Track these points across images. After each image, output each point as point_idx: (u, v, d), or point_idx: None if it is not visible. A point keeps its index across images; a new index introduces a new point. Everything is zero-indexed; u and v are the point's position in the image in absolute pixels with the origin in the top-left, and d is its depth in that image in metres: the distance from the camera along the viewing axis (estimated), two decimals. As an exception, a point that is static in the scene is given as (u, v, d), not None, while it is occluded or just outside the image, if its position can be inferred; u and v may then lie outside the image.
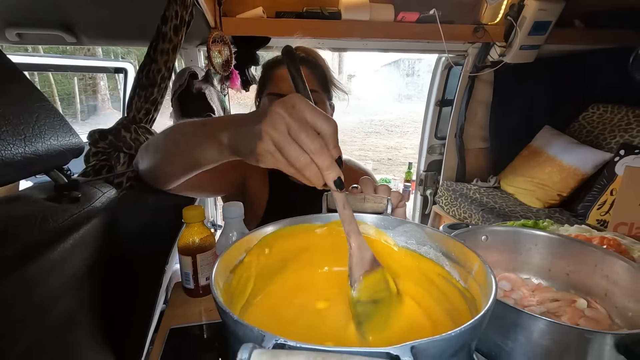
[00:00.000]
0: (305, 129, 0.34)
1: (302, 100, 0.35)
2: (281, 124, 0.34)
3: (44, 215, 0.47)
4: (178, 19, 0.79)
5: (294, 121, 0.34)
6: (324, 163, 0.34)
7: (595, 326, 0.42)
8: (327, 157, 0.34)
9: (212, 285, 0.30)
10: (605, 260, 0.46)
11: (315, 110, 0.35)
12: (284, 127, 0.34)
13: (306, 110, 0.35)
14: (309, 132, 0.34)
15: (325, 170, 0.34)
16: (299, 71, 0.43)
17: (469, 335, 0.27)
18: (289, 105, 0.35)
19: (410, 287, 0.43)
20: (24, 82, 0.48)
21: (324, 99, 0.81)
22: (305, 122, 0.34)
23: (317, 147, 0.34)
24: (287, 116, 0.34)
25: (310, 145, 0.34)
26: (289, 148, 0.34)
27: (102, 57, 6.84)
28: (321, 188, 0.37)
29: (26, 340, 0.45)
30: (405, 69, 13.61)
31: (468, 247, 0.37)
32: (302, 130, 0.34)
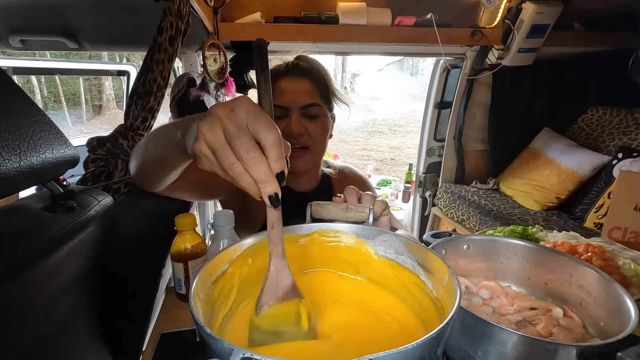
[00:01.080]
0: (241, 135, 0.31)
1: (246, 104, 0.32)
2: (217, 126, 0.32)
3: (40, 226, 0.49)
4: (173, 30, 0.81)
5: (231, 125, 0.31)
6: (258, 175, 0.31)
7: (568, 335, 0.43)
8: (263, 169, 0.31)
9: (190, 298, 0.32)
10: (579, 270, 0.48)
11: (258, 117, 0.32)
12: (219, 130, 0.31)
13: (247, 115, 0.32)
14: (244, 140, 0.31)
15: (260, 183, 0.32)
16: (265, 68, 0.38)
17: (427, 347, 0.29)
18: (229, 107, 0.32)
19: (387, 296, 0.45)
20: (21, 98, 0.50)
21: (325, 111, 0.81)
22: (243, 129, 0.31)
23: (252, 158, 0.31)
24: (224, 119, 0.31)
25: (244, 154, 0.31)
26: (222, 154, 0.31)
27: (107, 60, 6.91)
28: (259, 199, 0.34)
29: (24, 345, 0.47)
30: (409, 67, 13.57)
31: (440, 258, 0.39)
32: (237, 137, 0.31)
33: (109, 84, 9.33)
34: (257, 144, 0.32)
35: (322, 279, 0.48)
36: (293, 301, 0.38)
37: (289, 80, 0.78)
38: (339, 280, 0.48)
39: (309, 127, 0.77)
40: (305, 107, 0.77)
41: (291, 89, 0.77)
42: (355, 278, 0.48)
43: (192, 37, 1.31)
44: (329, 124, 0.83)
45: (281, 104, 0.76)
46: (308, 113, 0.77)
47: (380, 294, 0.45)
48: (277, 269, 0.38)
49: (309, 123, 0.77)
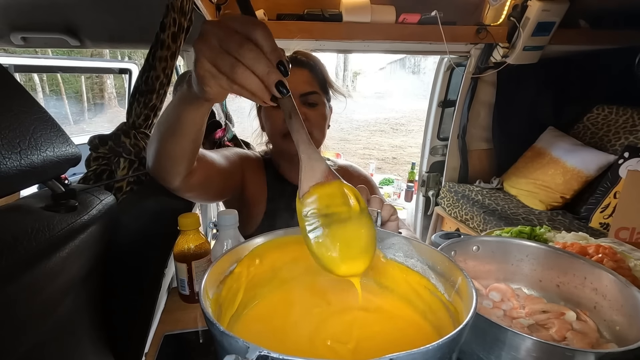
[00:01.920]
0: (233, 38, 0.32)
1: (231, 16, 0.34)
2: (210, 38, 0.33)
3: (41, 225, 0.48)
4: (176, 27, 0.80)
5: (221, 32, 0.33)
6: (260, 69, 0.32)
7: (582, 339, 0.42)
8: (263, 61, 0.32)
9: (200, 296, 0.31)
10: (594, 273, 0.46)
11: (242, 19, 0.33)
12: (215, 41, 0.33)
13: (234, 21, 0.33)
14: (235, 38, 0.32)
15: (264, 76, 0.33)
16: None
17: (447, 348, 0.28)
18: (216, 21, 0.34)
19: (396, 299, 0.44)
20: (22, 95, 0.49)
21: (324, 100, 0.83)
22: (234, 32, 0.33)
23: (249, 53, 0.32)
24: (215, 29, 0.33)
25: (239, 51, 0.32)
26: (221, 60, 0.33)
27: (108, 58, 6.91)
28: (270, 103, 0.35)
29: (25, 346, 0.46)
30: (411, 66, 13.55)
31: (452, 261, 0.38)
32: (231, 40, 0.32)
33: (111, 82, 9.33)
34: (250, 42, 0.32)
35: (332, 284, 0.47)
36: (335, 182, 0.37)
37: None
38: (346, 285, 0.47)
39: (309, 114, 0.79)
40: (305, 95, 0.79)
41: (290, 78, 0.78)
42: (363, 282, 0.47)
43: (194, 35, 1.30)
44: (327, 113, 0.85)
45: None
46: (307, 101, 0.79)
47: (390, 298, 0.44)
48: (308, 155, 0.37)
49: (308, 110, 0.79)
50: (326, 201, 0.36)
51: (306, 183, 0.36)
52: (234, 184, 0.84)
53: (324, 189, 0.37)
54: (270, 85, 0.33)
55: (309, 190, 0.36)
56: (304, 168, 0.37)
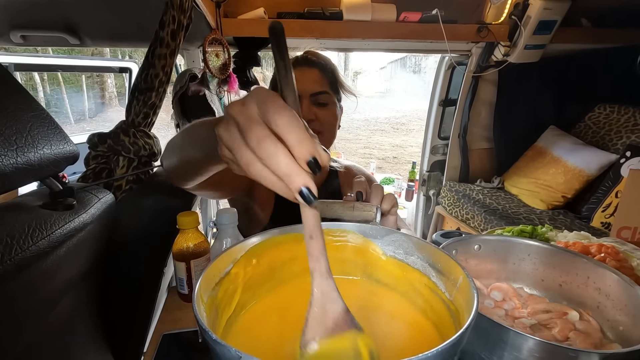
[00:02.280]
0: (251, 126, 0.26)
1: (258, 93, 0.28)
2: (231, 125, 0.28)
3: (38, 223, 0.47)
4: (175, 24, 0.79)
5: (242, 119, 0.27)
6: (277, 167, 0.26)
7: (585, 340, 0.41)
8: (280, 158, 0.25)
9: (194, 301, 0.31)
10: (597, 273, 0.46)
11: (267, 102, 0.27)
12: (234, 129, 0.28)
13: (260, 101, 0.27)
14: (254, 130, 0.26)
15: (284, 177, 0.26)
16: (283, 52, 0.33)
17: (447, 353, 0.27)
18: (241, 102, 0.28)
19: (397, 298, 0.43)
20: (19, 92, 0.48)
21: (334, 100, 0.83)
22: (254, 119, 0.27)
23: (263, 148, 0.26)
24: (237, 115, 0.28)
25: (255, 147, 0.26)
26: (239, 152, 0.27)
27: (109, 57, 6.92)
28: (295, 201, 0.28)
29: (21, 346, 0.46)
30: (412, 66, 13.53)
31: (454, 259, 0.37)
32: (248, 129, 0.26)
33: (111, 82, 9.33)
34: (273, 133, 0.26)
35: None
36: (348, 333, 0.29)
37: (299, 71, 0.81)
38: (346, 284, 0.47)
39: (319, 113, 0.79)
40: (315, 95, 0.79)
41: (301, 78, 0.80)
42: (362, 280, 0.46)
43: (194, 33, 1.29)
44: (338, 113, 0.85)
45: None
46: (318, 100, 0.79)
47: (390, 296, 0.44)
48: (322, 292, 0.29)
49: (319, 110, 0.79)
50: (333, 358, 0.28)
51: (311, 332, 0.29)
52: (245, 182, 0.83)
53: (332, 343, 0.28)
54: (293, 190, 0.26)
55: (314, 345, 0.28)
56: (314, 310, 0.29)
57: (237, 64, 1.51)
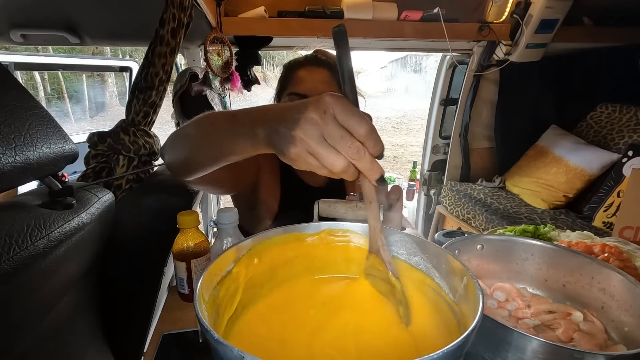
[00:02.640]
0: (343, 136, 0.33)
1: (335, 102, 0.33)
2: (314, 131, 0.33)
3: (37, 223, 0.47)
4: (175, 22, 0.79)
5: (327, 127, 0.33)
6: (364, 166, 0.34)
7: (590, 341, 0.41)
8: (367, 159, 0.34)
9: (195, 301, 0.30)
10: (602, 273, 0.45)
11: (348, 112, 0.33)
12: (318, 134, 0.33)
13: (340, 113, 0.33)
14: (347, 140, 0.33)
15: (366, 172, 0.35)
16: (345, 57, 0.40)
17: (452, 356, 0.27)
18: (322, 110, 0.34)
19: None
20: (17, 90, 0.48)
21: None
22: (339, 127, 0.33)
23: (354, 152, 0.33)
24: (320, 122, 0.33)
25: (347, 150, 0.33)
26: (325, 154, 0.33)
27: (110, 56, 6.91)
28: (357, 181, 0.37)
29: (21, 346, 0.45)
30: (413, 65, 13.52)
31: (458, 260, 0.37)
32: (340, 138, 0.33)
33: (112, 81, 9.33)
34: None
35: (332, 282, 0.46)
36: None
37: (308, 70, 0.81)
38: (349, 285, 0.46)
39: None
40: None
41: (310, 78, 0.80)
42: (365, 280, 0.46)
43: (195, 32, 1.29)
44: None
45: (300, 91, 0.78)
46: None
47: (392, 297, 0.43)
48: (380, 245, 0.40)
49: None
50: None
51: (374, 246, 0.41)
52: (248, 179, 0.83)
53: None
54: (372, 181, 0.36)
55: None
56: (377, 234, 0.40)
57: (237, 63, 1.51)
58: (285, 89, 0.82)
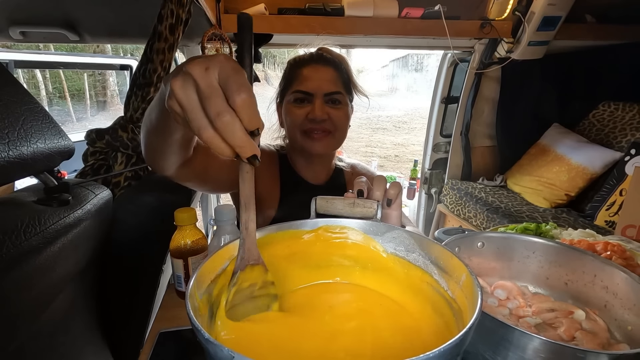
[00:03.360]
0: (212, 96, 0.29)
1: (222, 62, 0.31)
2: (189, 84, 0.30)
3: (31, 219, 0.46)
4: (174, 18, 0.78)
5: (204, 84, 0.30)
6: (233, 140, 0.30)
7: (592, 340, 0.40)
8: (237, 133, 0.29)
9: (187, 299, 0.30)
10: (605, 271, 0.44)
11: (231, 76, 0.30)
12: (192, 89, 0.30)
13: (222, 73, 0.30)
14: (216, 102, 0.29)
15: (235, 147, 0.30)
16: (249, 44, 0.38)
17: (450, 353, 0.26)
18: (204, 65, 0.30)
19: (398, 295, 0.42)
20: (12, 85, 0.47)
21: (347, 100, 0.83)
22: (215, 89, 0.30)
23: (224, 122, 0.29)
24: (198, 77, 0.30)
25: (215, 118, 0.29)
26: (193, 115, 0.30)
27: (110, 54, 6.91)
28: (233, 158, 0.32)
29: (15, 343, 0.45)
30: (414, 64, 13.49)
31: (457, 256, 0.36)
32: (209, 98, 0.29)
33: (113, 80, 9.33)
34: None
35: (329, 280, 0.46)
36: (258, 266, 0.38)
37: (313, 68, 0.80)
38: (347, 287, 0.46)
39: (332, 113, 0.78)
40: (329, 94, 0.78)
41: (315, 76, 0.79)
42: (363, 277, 0.45)
43: (194, 29, 1.28)
44: (350, 113, 0.84)
45: (305, 89, 0.78)
46: (331, 100, 0.79)
47: (391, 294, 0.42)
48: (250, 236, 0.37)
49: (332, 109, 0.79)
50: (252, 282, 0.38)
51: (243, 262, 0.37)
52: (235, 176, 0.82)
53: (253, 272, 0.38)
54: (242, 158, 0.31)
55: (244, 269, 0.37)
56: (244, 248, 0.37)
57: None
58: (289, 87, 0.82)
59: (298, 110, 0.78)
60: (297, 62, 0.84)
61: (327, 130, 0.79)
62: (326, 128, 0.78)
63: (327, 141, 0.80)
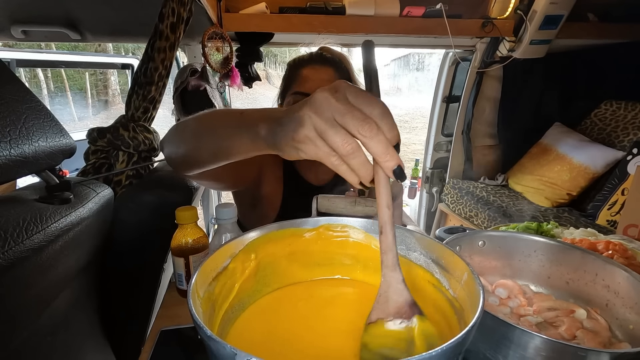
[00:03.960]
0: (352, 110, 0.30)
1: (347, 85, 0.32)
2: (325, 108, 0.31)
3: (32, 217, 0.46)
4: (175, 17, 0.78)
5: (339, 103, 0.30)
6: (378, 148, 0.29)
7: (594, 338, 0.40)
8: (381, 140, 0.29)
9: (189, 297, 0.30)
10: (606, 270, 0.44)
11: (362, 93, 0.31)
12: (328, 112, 0.30)
13: (352, 94, 0.31)
14: (356, 114, 0.29)
15: (380, 156, 0.29)
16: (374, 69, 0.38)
17: (452, 352, 0.26)
18: (332, 89, 0.32)
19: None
20: (13, 83, 0.48)
21: None
22: (352, 106, 0.30)
23: (368, 130, 0.29)
24: (332, 99, 0.30)
25: (360, 128, 0.29)
26: (333, 132, 0.30)
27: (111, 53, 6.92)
28: (369, 185, 0.32)
29: (16, 341, 0.45)
30: (415, 63, 13.47)
31: (458, 255, 0.36)
32: (349, 112, 0.30)
33: (115, 79, 9.35)
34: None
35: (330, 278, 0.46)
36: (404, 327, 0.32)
37: (312, 69, 0.79)
38: (348, 282, 0.46)
39: None
40: None
41: (314, 76, 0.78)
42: (365, 276, 0.45)
43: (195, 28, 1.28)
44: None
45: (304, 90, 0.77)
46: None
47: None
48: (389, 283, 0.33)
49: None
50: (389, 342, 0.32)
51: (375, 314, 0.33)
52: (249, 176, 0.82)
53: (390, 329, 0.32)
54: (387, 169, 0.30)
55: (375, 322, 0.32)
56: (380, 296, 0.33)
57: (238, 59, 1.50)
58: (289, 88, 0.81)
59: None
60: (296, 63, 0.83)
61: None
62: None
63: None
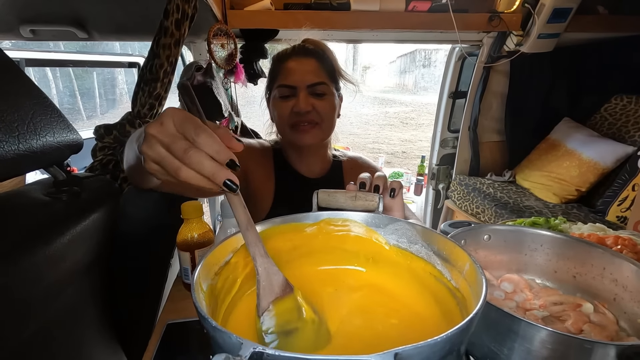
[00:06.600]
0: (174, 141, 0.33)
1: (174, 114, 0.34)
2: (154, 143, 0.33)
3: (40, 211, 0.47)
4: (179, 13, 0.78)
5: (164, 137, 0.33)
6: (204, 169, 0.32)
7: (601, 332, 0.39)
8: (206, 162, 0.32)
9: (192, 289, 0.30)
10: (614, 263, 0.44)
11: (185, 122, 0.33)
12: (157, 146, 0.33)
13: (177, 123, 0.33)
14: (179, 144, 0.32)
15: (211, 175, 0.32)
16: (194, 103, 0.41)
17: (456, 339, 0.26)
18: (159, 122, 0.34)
19: (401, 287, 0.42)
20: (22, 80, 0.48)
21: (332, 90, 0.82)
22: (175, 135, 0.33)
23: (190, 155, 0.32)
24: (157, 134, 0.33)
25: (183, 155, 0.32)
26: (166, 163, 0.33)
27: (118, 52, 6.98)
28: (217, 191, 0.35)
29: (29, 330, 0.46)
30: (422, 60, 13.36)
31: (460, 246, 0.36)
32: (172, 144, 0.32)
33: (122, 78, 9.43)
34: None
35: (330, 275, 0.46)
36: (291, 295, 0.38)
37: (296, 61, 0.79)
38: (350, 274, 0.46)
39: (317, 104, 0.78)
40: (312, 86, 0.77)
41: (298, 68, 0.78)
42: (366, 269, 0.45)
43: (200, 25, 1.28)
44: (337, 103, 0.83)
45: (289, 83, 0.77)
46: (315, 91, 0.78)
47: (394, 285, 0.42)
48: (265, 269, 0.37)
49: (317, 101, 0.78)
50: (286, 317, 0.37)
51: (265, 300, 0.36)
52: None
53: (284, 304, 0.37)
54: (219, 183, 0.33)
55: (268, 307, 0.36)
56: (262, 284, 0.37)
57: (243, 56, 1.50)
58: (274, 82, 0.82)
59: (284, 104, 0.78)
60: (280, 56, 0.83)
61: (313, 122, 0.78)
62: (312, 119, 0.78)
63: (314, 132, 0.79)
